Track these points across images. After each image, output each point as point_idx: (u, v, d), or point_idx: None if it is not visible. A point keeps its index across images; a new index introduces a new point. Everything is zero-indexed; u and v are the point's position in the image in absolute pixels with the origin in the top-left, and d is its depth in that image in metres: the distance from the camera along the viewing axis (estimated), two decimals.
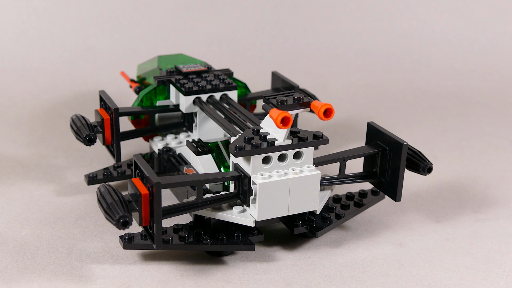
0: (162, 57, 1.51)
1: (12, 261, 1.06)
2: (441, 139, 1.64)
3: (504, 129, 1.72)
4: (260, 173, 1.02)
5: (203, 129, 1.29)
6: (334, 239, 1.15)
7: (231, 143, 1.02)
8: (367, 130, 1.16)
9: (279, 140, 1.01)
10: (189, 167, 1.21)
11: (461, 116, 1.81)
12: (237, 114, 1.21)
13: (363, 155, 1.13)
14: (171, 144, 1.30)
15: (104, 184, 0.96)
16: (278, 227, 1.17)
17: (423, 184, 1.36)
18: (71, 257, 1.08)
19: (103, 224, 1.18)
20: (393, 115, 1.81)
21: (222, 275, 1.04)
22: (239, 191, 1.05)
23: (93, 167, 1.40)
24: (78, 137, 1.20)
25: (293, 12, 2.41)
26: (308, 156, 1.05)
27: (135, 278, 1.03)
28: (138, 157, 0.98)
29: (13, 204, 1.24)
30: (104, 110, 1.24)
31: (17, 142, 1.54)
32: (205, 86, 1.27)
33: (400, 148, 1.08)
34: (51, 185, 1.32)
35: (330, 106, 0.98)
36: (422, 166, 1.11)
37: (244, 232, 1.07)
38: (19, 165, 1.41)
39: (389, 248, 1.13)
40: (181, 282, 1.02)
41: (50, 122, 1.66)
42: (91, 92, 1.88)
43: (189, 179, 0.99)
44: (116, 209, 0.91)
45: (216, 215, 1.05)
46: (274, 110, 0.97)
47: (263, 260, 1.09)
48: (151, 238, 0.97)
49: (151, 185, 0.91)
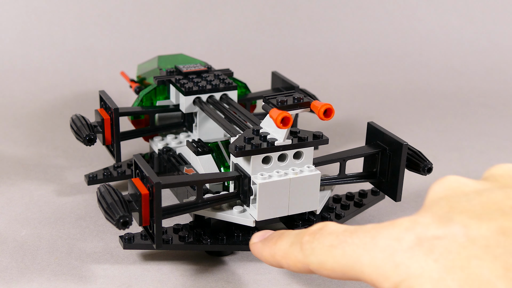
0: (162, 57, 1.51)
1: (12, 261, 1.06)
2: (441, 139, 1.64)
3: (504, 129, 1.72)
4: (260, 173, 1.02)
5: (203, 129, 1.29)
6: None
7: (231, 143, 1.02)
8: (367, 130, 1.16)
9: (279, 140, 1.01)
10: (189, 167, 1.21)
11: (461, 116, 1.81)
12: (237, 114, 1.21)
13: (363, 155, 1.13)
14: (171, 144, 1.30)
15: (104, 184, 0.96)
16: (278, 227, 1.17)
17: (423, 184, 1.36)
18: (71, 257, 1.08)
19: (103, 224, 1.18)
20: (393, 115, 1.81)
21: (222, 275, 1.04)
22: (239, 191, 1.05)
23: (93, 167, 1.40)
24: (78, 137, 1.20)
25: (293, 12, 2.41)
26: (308, 156, 1.05)
27: (135, 278, 1.03)
28: (138, 157, 0.98)
29: (13, 204, 1.24)
30: (104, 110, 1.24)
31: (17, 142, 1.54)
32: (205, 86, 1.27)
33: (400, 148, 1.08)
34: (51, 185, 1.32)
35: (330, 106, 0.98)
36: (422, 166, 1.10)
37: (244, 232, 1.07)
38: (19, 165, 1.41)
39: None
40: (181, 282, 1.02)
41: (50, 122, 1.66)
42: (91, 92, 1.88)
43: (189, 179, 0.99)
44: (116, 209, 0.91)
45: (216, 215, 1.05)
46: (274, 110, 0.97)
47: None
48: (151, 238, 0.97)
49: (151, 185, 0.91)
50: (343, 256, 0.61)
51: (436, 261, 0.54)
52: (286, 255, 0.70)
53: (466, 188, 0.62)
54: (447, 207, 0.58)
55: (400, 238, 0.57)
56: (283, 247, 0.71)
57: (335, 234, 0.63)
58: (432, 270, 0.54)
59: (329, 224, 0.66)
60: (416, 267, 0.55)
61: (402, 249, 0.56)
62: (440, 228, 0.56)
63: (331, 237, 0.64)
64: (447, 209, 0.58)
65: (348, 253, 0.61)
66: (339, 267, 0.62)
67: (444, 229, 0.55)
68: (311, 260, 0.65)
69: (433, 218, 0.57)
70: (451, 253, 0.54)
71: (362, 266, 0.59)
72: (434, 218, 0.57)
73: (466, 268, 0.52)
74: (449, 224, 0.56)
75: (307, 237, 0.66)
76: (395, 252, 0.57)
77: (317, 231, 0.66)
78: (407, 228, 0.57)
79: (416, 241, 0.56)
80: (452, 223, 0.56)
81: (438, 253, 0.54)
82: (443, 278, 0.53)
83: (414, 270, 0.55)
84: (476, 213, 0.56)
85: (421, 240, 0.56)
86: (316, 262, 0.64)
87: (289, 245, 0.70)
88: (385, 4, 2.44)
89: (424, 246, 0.55)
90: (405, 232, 0.57)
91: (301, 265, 0.67)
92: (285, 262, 0.70)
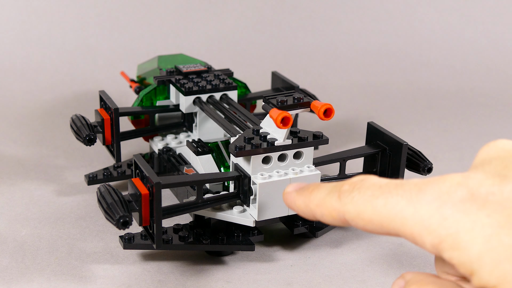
0: (162, 57, 1.51)
1: (12, 261, 1.06)
2: (441, 139, 1.64)
3: (504, 129, 1.72)
4: (260, 173, 1.02)
5: (203, 129, 1.29)
6: (334, 239, 1.15)
7: (231, 143, 1.02)
8: (367, 130, 1.16)
9: (279, 140, 1.01)
10: (189, 167, 1.21)
11: (461, 116, 1.81)
12: (237, 114, 1.21)
13: (363, 155, 1.13)
14: (171, 144, 1.30)
15: (104, 184, 0.96)
16: (278, 227, 1.17)
17: None
18: (71, 257, 1.08)
19: (103, 224, 1.18)
20: (393, 115, 1.81)
21: (222, 275, 1.04)
22: (239, 191, 1.05)
23: (93, 167, 1.40)
24: (78, 137, 1.20)
25: (293, 12, 2.41)
26: (308, 156, 1.05)
27: (135, 278, 1.03)
28: (138, 157, 0.98)
29: (13, 204, 1.24)
30: (104, 110, 1.24)
31: (17, 142, 1.54)
32: (205, 86, 1.27)
33: (400, 148, 1.08)
34: (51, 185, 1.32)
35: (330, 106, 0.98)
36: (422, 166, 1.11)
37: (244, 232, 1.07)
38: (19, 165, 1.41)
39: (389, 248, 1.13)
40: (181, 282, 1.02)
41: (50, 122, 1.66)
42: (91, 92, 1.88)
43: (189, 179, 0.99)
44: (116, 209, 0.91)
45: (216, 215, 1.05)
46: (274, 110, 0.97)
47: (263, 260, 1.09)
48: (151, 238, 0.97)
49: (151, 185, 0.91)
50: (384, 206, 0.57)
51: (489, 216, 0.51)
52: (322, 203, 0.65)
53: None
54: (502, 166, 0.56)
55: (451, 192, 0.54)
56: (319, 196, 0.66)
57: (378, 185, 0.60)
58: (485, 225, 0.51)
59: (371, 176, 0.62)
60: (466, 221, 0.52)
61: (452, 203, 0.53)
62: (495, 185, 0.53)
63: (373, 188, 0.60)
64: (502, 168, 0.55)
65: (391, 203, 0.57)
66: (378, 218, 0.58)
67: (499, 185, 0.53)
68: (348, 209, 0.61)
69: (486, 175, 0.54)
70: (506, 209, 0.51)
71: (404, 218, 0.55)
72: (488, 175, 0.54)
73: None
74: (505, 181, 0.53)
75: (347, 186, 0.62)
76: (444, 204, 0.53)
77: (358, 182, 0.62)
78: (459, 183, 0.54)
79: (468, 196, 0.53)
80: (507, 180, 0.53)
81: (492, 209, 0.51)
82: (497, 233, 0.50)
83: (464, 224, 0.52)
84: None
85: (474, 195, 0.53)
86: (353, 211, 0.60)
87: (326, 194, 0.65)
88: (385, 4, 2.44)
89: (477, 201, 0.52)
90: (456, 186, 0.54)
91: (336, 214, 0.63)
92: (320, 211, 0.66)
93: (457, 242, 0.52)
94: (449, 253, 0.53)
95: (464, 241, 0.51)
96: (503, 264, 0.49)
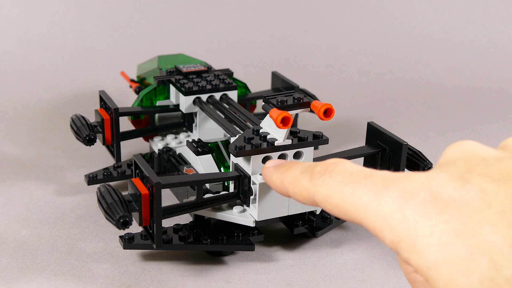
0: (162, 57, 1.51)
1: (12, 261, 1.06)
2: (441, 139, 1.64)
3: (504, 129, 1.72)
4: (260, 173, 1.02)
5: (203, 129, 1.29)
6: (334, 239, 1.15)
7: (231, 143, 1.02)
8: (367, 130, 1.16)
9: (279, 140, 1.01)
10: (189, 167, 1.21)
11: (461, 116, 1.81)
12: (237, 114, 1.21)
13: (363, 155, 1.13)
14: (171, 144, 1.30)
15: (104, 184, 0.96)
16: (278, 227, 1.17)
17: None
18: (71, 257, 1.08)
19: (103, 224, 1.18)
20: (393, 115, 1.81)
21: (222, 275, 1.04)
22: (239, 191, 1.05)
23: (93, 167, 1.40)
24: (78, 137, 1.20)
25: (293, 12, 2.41)
26: (308, 156, 1.05)
27: (135, 278, 1.03)
28: (138, 157, 0.98)
29: (13, 204, 1.24)
30: (104, 110, 1.24)
31: (17, 142, 1.54)
32: (205, 86, 1.27)
33: (400, 148, 1.08)
34: (51, 185, 1.32)
35: (330, 106, 0.98)
36: (422, 166, 1.10)
37: (244, 232, 1.07)
38: (19, 165, 1.41)
39: (389, 248, 1.13)
40: (181, 282, 1.02)
41: (50, 122, 1.66)
42: (91, 92, 1.88)
43: (189, 179, 0.99)
44: (116, 209, 0.91)
45: (216, 215, 1.05)
46: (274, 110, 0.97)
47: (263, 260, 1.09)
48: (151, 238, 0.97)
49: (151, 185, 0.91)
50: (351, 195, 0.59)
51: (447, 223, 0.51)
52: (295, 181, 0.68)
53: (485, 154, 0.59)
54: (465, 168, 0.55)
55: (414, 192, 0.54)
56: (293, 174, 0.69)
57: (349, 171, 0.61)
58: (443, 232, 0.51)
59: (344, 161, 0.64)
60: (425, 225, 0.52)
61: (414, 204, 0.54)
62: (456, 189, 0.53)
63: (344, 174, 0.61)
64: (465, 170, 0.55)
65: (357, 194, 0.58)
66: (344, 205, 0.59)
67: (460, 190, 0.53)
68: (318, 191, 0.63)
69: (449, 176, 0.54)
70: (464, 216, 0.51)
71: (367, 210, 0.57)
72: (451, 177, 0.54)
73: (478, 234, 0.50)
74: (466, 185, 0.53)
75: (320, 167, 0.64)
76: (406, 204, 0.54)
77: (331, 164, 0.64)
78: (423, 184, 0.54)
79: (430, 199, 0.53)
80: (468, 184, 0.53)
81: (451, 215, 0.51)
82: (453, 242, 0.50)
83: (423, 228, 0.52)
84: (494, 178, 0.53)
85: (435, 198, 0.53)
86: (322, 193, 0.62)
87: (299, 173, 0.68)
88: (385, 4, 2.44)
89: (438, 205, 0.52)
90: (420, 187, 0.54)
91: (307, 194, 0.66)
92: (292, 188, 0.69)
93: (415, 246, 0.52)
94: (407, 254, 0.53)
95: (421, 245, 0.52)
96: (457, 277, 0.49)
